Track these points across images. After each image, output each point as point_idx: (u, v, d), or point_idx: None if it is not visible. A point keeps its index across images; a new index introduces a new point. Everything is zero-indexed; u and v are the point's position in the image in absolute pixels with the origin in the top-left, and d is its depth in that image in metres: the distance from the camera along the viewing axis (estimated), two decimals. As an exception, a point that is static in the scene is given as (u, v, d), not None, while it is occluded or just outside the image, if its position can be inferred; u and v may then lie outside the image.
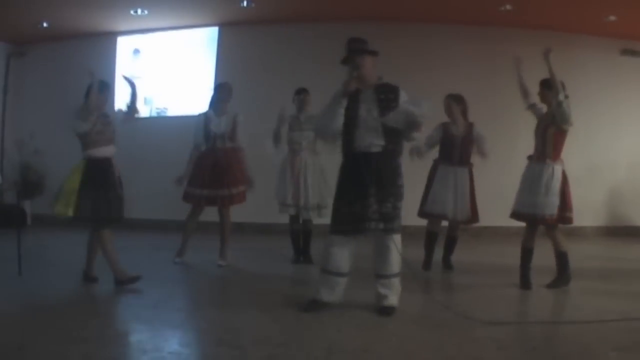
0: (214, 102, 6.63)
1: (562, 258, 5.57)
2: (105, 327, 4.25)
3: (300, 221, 6.93)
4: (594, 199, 9.45)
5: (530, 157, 5.73)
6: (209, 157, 6.50)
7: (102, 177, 5.42)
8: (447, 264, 6.52)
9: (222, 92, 6.59)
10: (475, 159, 6.40)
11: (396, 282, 4.67)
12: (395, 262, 4.64)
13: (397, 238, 4.65)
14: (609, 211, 9.74)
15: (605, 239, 9.31)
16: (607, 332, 4.10)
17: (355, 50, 4.65)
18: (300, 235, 6.95)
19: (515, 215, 5.75)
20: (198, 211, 6.67)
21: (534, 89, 5.78)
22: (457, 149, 6.26)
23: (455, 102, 6.29)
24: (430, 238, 6.41)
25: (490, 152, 6.33)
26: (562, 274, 5.57)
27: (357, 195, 4.54)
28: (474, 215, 6.34)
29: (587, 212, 9.16)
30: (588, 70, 9.41)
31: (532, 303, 5.35)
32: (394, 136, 4.60)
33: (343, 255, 4.63)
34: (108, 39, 10.30)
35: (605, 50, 9.77)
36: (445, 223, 6.47)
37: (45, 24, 9.64)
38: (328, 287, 4.65)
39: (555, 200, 5.46)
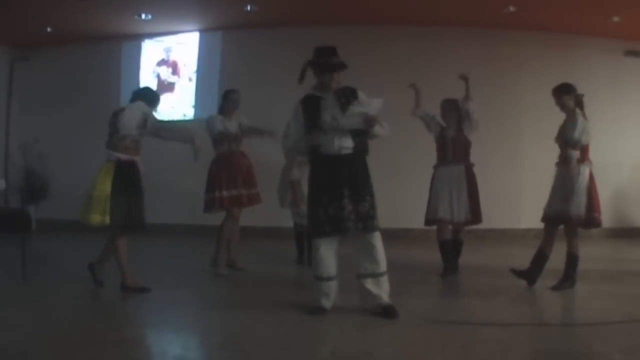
0: (222, 110, 6.56)
1: (572, 261, 5.55)
2: (110, 331, 4.24)
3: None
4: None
5: (557, 163, 5.73)
6: (230, 159, 6.44)
7: (131, 181, 5.37)
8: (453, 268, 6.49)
9: (228, 101, 6.53)
10: (476, 159, 6.40)
11: (385, 280, 4.65)
12: (381, 260, 4.64)
13: (378, 236, 4.65)
14: (613, 213, 9.67)
15: (609, 241, 9.26)
16: (611, 334, 4.08)
17: (336, 65, 4.72)
18: (305, 239, 6.95)
19: (545, 218, 5.74)
20: (237, 212, 6.57)
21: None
22: (449, 147, 6.33)
23: (453, 108, 6.36)
24: (443, 247, 6.41)
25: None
26: (568, 277, 5.55)
27: (331, 198, 4.58)
28: (475, 216, 6.31)
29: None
30: (592, 72, 9.39)
31: (536, 305, 5.34)
32: (361, 136, 4.67)
33: (330, 258, 4.67)
34: (112, 43, 10.33)
35: (609, 51, 9.76)
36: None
37: (49, 29, 9.68)
38: (324, 294, 4.68)
39: (582, 200, 5.46)
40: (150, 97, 5.63)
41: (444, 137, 6.36)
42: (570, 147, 5.46)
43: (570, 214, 5.46)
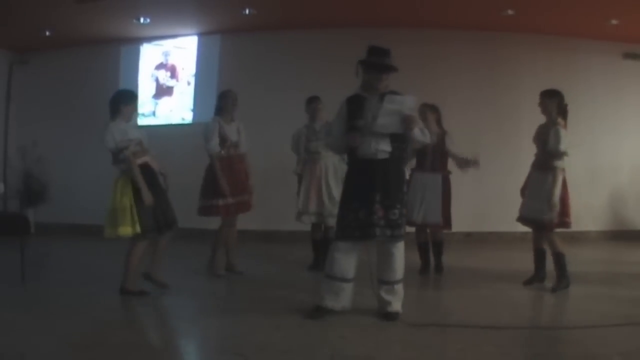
0: (220, 110, 6.45)
1: (559, 259, 5.66)
2: (109, 335, 4.24)
3: (322, 228, 6.86)
4: (596, 203, 9.42)
5: (533, 165, 5.83)
6: (230, 164, 6.36)
7: (150, 184, 5.31)
8: (438, 268, 6.59)
9: (225, 100, 6.49)
10: (453, 168, 6.45)
11: (399, 288, 4.69)
12: (399, 268, 4.66)
13: (401, 245, 4.66)
14: (612, 215, 9.70)
15: (608, 243, 9.26)
16: (611, 337, 4.09)
17: (386, 67, 4.66)
18: (320, 244, 6.89)
19: (520, 219, 5.97)
20: (233, 220, 6.52)
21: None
22: (429, 156, 6.39)
23: (431, 111, 6.43)
24: (421, 249, 6.61)
25: (466, 162, 6.37)
26: (561, 276, 5.62)
27: (363, 201, 4.55)
28: (445, 222, 6.43)
29: (589, 216, 9.15)
30: (591, 74, 9.41)
31: (535, 308, 5.35)
32: (401, 142, 4.62)
33: (348, 261, 4.64)
34: (111, 46, 10.32)
35: (607, 54, 9.76)
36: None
37: (47, 32, 9.66)
38: (332, 294, 4.65)
39: (556, 207, 5.58)
40: (127, 100, 5.54)
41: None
42: (555, 158, 5.55)
43: (543, 220, 5.62)
